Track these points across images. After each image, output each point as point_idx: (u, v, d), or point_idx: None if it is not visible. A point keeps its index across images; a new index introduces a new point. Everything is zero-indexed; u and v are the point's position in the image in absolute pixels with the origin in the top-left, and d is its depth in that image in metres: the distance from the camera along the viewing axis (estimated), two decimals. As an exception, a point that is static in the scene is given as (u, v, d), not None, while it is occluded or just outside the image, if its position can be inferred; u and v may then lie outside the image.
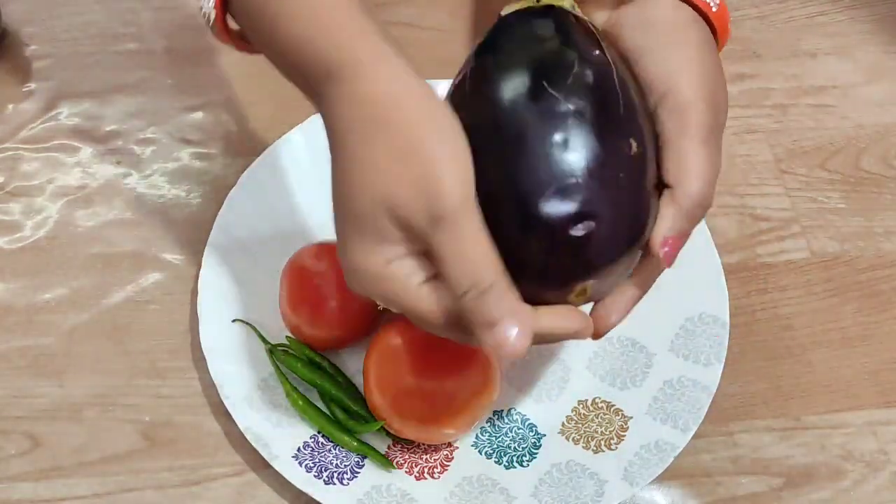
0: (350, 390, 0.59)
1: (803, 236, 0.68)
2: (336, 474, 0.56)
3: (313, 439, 0.57)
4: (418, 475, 0.57)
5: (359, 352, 0.59)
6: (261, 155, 0.65)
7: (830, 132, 0.73)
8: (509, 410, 0.60)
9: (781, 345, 0.64)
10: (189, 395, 0.60)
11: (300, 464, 0.56)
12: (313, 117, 0.67)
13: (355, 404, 0.58)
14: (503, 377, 0.60)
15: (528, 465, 0.58)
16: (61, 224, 0.66)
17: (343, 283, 0.58)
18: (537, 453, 0.58)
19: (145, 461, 0.58)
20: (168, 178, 0.68)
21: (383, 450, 0.58)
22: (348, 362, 0.61)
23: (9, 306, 0.63)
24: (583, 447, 0.58)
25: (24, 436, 0.58)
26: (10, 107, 0.71)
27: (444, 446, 0.59)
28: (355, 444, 0.57)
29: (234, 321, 0.60)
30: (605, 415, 0.59)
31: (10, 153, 0.69)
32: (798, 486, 0.59)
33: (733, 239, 0.68)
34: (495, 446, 0.59)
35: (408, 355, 0.56)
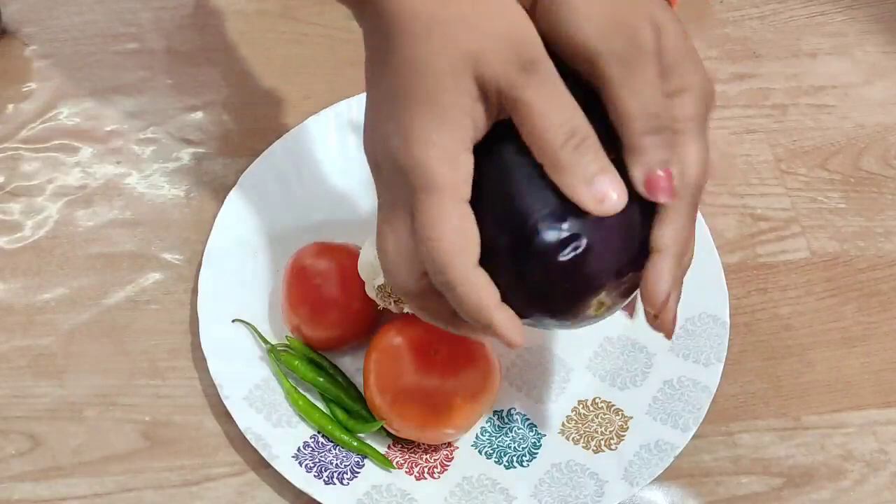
0: (350, 390, 0.59)
1: (803, 236, 0.68)
2: (336, 474, 0.56)
3: (313, 439, 0.57)
4: (418, 475, 0.57)
5: (359, 352, 0.59)
6: (261, 155, 0.65)
7: (830, 132, 0.73)
8: (509, 410, 0.60)
9: (781, 345, 0.64)
10: (189, 395, 0.60)
11: (300, 464, 0.56)
12: (313, 117, 0.67)
13: (355, 404, 0.58)
14: (503, 377, 0.60)
15: (528, 465, 0.58)
16: (61, 224, 0.66)
17: (343, 284, 0.59)
18: (537, 453, 0.58)
19: (145, 461, 0.58)
20: (168, 178, 0.68)
21: (383, 450, 0.58)
22: (348, 362, 0.61)
23: (9, 306, 0.63)
24: (583, 447, 0.58)
25: (24, 436, 0.58)
26: (10, 107, 0.71)
27: (444, 446, 0.59)
28: (355, 444, 0.57)
29: (234, 321, 0.60)
30: (605, 415, 0.59)
31: (10, 153, 0.69)
32: (798, 486, 0.59)
33: (733, 239, 0.68)
34: (495, 446, 0.59)
35: (408, 355, 0.56)
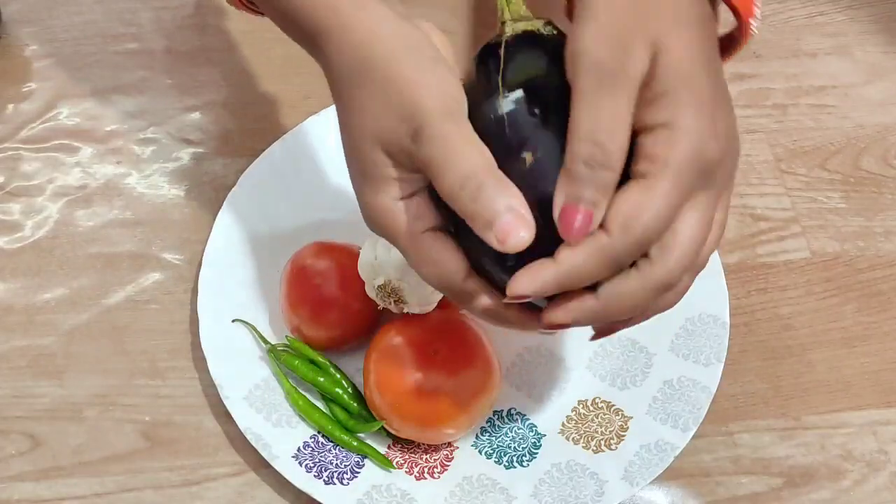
0: (350, 390, 0.59)
1: (803, 236, 0.68)
2: (336, 474, 0.56)
3: (313, 439, 0.57)
4: (418, 475, 0.57)
5: (359, 352, 0.59)
6: (261, 155, 0.65)
7: (830, 132, 0.73)
8: (509, 410, 0.60)
9: (781, 345, 0.64)
10: (189, 395, 0.60)
11: (300, 464, 0.56)
12: (313, 117, 0.67)
13: (355, 404, 0.58)
14: (503, 377, 0.60)
15: (528, 465, 0.58)
16: (61, 224, 0.66)
17: (343, 283, 0.59)
18: (537, 453, 0.58)
19: (145, 461, 0.58)
20: (168, 178, 0.68)
21: (383, 450, 0.58)
22: (348, 362, 0.61)
23: (9, 306, 0.63)
24: (583, 447, 0.58)
25: (24, 436, 0.58)
26: (10, 107, 0.71)
27: (444, 446, 0.59)
28: (355, 444, 0.57)
29: (234, 321, 0.60)
30: (605, 415, 0.59)
31: (10, 153, 0.69)
32: (798, 486, 0.59)
33: (733, 239, 0.67)
34: (495, 446, 0.59)
35: (408, 355, 0.56)
